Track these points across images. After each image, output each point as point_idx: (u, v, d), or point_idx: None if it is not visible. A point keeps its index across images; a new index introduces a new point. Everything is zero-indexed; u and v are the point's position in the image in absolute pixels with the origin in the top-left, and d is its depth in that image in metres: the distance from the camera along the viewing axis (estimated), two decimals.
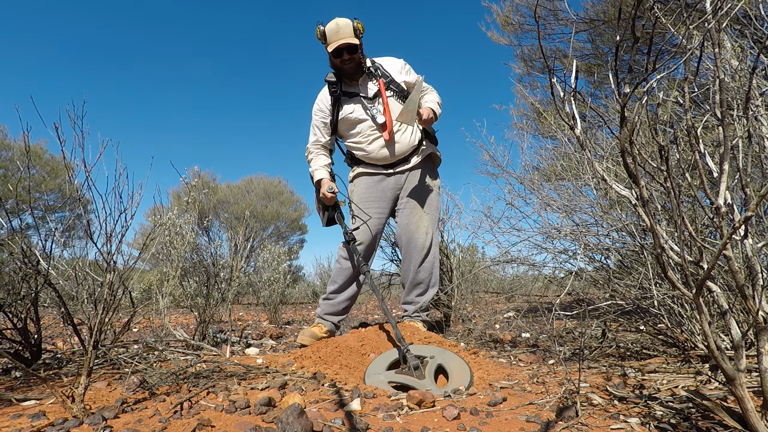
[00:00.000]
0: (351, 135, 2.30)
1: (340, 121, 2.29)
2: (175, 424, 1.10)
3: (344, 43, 2.09)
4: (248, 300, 8.00)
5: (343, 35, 2.10)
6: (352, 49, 2.13)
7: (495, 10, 4.92)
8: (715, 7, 0.88)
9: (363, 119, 2.24)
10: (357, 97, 2.24)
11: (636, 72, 2.45)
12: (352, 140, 2.31)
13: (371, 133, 2.25)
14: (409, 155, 2.31)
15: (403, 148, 2.27)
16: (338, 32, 2.10)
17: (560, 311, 1.58)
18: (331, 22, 2.13)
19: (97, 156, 1.30)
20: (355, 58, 2.17)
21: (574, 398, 1.22)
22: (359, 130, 2.27)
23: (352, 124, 2.27)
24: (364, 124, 2.25)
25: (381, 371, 1.58)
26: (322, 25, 2.14)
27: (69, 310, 1.58)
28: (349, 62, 2.17)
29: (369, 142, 2.26)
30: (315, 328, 2.25)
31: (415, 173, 2.33)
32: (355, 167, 2.39)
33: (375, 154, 2.26)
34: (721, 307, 0.90)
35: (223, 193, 12.19)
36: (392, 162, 2.29)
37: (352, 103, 2.25)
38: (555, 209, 2.19)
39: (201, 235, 3.03)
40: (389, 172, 2.31)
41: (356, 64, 2.19)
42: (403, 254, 2.33)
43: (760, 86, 1.63)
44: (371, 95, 2.24)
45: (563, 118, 1.02)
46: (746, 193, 0.86)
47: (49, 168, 9.60)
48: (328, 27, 2.12)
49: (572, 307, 2.04)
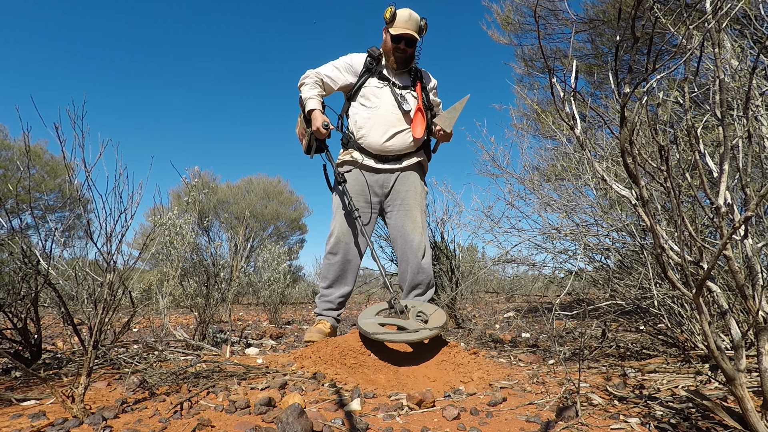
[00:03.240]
0: (364, 108, 2.28)
1: (364, 88, 2.30)
2: (175, 424, 1.10)
3: (409, 33, 2.18)
4: (248, 300, 8.00)
5: (411, 27, 2.19)
6: (411, 42, 2.23)
7: (495, 10, 4.92)
8: (715, 7, 0.88)
9: (386, 99, 2.27)
10: (388, 81, 2.30)
11: (636, 72, 2.45)
12: (361, 113, 2.28)
13: (387, 116, 2.25)
14: (402, 156, 2.32)
15: (403, 146, 2.28)
16: (408, 21, 2.18)
17: (560, 311, 1.58)
18: (405, 9, 2.20)
19: (97, 156, 1.30)
20: (408, 52, 2.26)
21: (574, 398, 1.22)
22: (377, 104, 2.26)
23: (374, 96, 2.27)
24: (385, 104, 2.26)
25: (371, 316, 1.85)
26: (394, 7, 2.20)
27: (69, 310, 1.58)
28: (402, 53, 2.25)
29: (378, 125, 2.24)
30: (320, 325, 2.26)
31: (407, 175, 2.34)
32: (347, 152, 2.34)
33: (374, 140, 2.24)
34: (721, 307, 0.90)
35: (223, 193, 12.19)
36: (385, 155, 2.28)
37: (381, 82, 2.30)
38: (555, 209, 2.19)
39: (201, 235, 3.03)
40: (379, 167, 2.30)
41: (407, 58, 2.28)
42: (400, 255, 2.33)
43: (760, 86, 1.63)
44: (402, 86, 2.32)
45: (563, 118, 1.02)
46: (746, 193, 0.86)
47: (49, 168, 9.60)
48: (401, 12, 2.19)
49: (572, 307, 2.04)
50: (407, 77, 2.34)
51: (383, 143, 2.24)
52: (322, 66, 2.32)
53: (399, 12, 2.18)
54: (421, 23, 2.22)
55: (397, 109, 2.25)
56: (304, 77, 2.30)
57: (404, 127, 2.28)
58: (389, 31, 2.20)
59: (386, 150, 2.26)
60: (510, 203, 2.45)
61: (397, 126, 2.26)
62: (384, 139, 2.24)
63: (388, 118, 2.24)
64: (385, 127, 2.24)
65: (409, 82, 2.34)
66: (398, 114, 2.26)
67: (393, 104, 2.26)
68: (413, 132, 2.27)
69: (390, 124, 2.24)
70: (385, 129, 2.24)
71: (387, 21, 2.20)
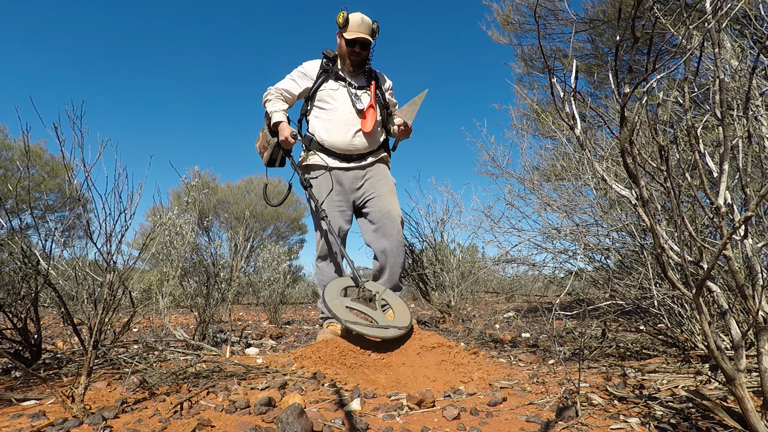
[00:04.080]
0: (323, 110, 2.34)
1: (320, 91, 2.36)
2: (175, 424, 1.10)
3: (363, 37, 2.25)
4: (248, 300, 8.00)
5: (364, 30, 2.26)
6: (366, 45, 2.30)
7: (495, 9, 4.92)
8: (715, 7, 0.88)
9: (343, 100, 2.33)
10: (345, 82, 2.36)
11: (636, 72, 2.45)
12: (321, 116, 2.34)
13: (346, 116, 2.30)
14: (366, 154, 2.37)
15: (365, 144, 2.33)
16: (361, 25, 2.26)
17: (560, 311, 1.59)
18: (356, 14, 2.27)
19: (97, 156, 1.30)
20: (363, 55, 2.33)
21: (574, 398, 1.22)
22: (334, 107, 2.32)
23: (331, 98, 2.33)
24: (343, 105, 2.32)
25: (337, 295, 1.95)
26: (347, 12, 2.27)
27: (69, 310, 1.58)
28: (357, 56, 2.32)
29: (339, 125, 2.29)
30: (331, 327, 2.26)
31: (378, 167, 2.40)
32: (310, 154, 2.37)
33: (337, 139, 2.29)
34: (721, 307, 0.90)
35: (223, 193, 12.20)
36: (349, 154, 2.32)
37: (338, 83, 2.36)
38: (555, 209, 2.19)
39: (201, 235, 3.02)
40: (344, 166, 2.33)
41: (362, 60, 2.35)
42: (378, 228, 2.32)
43: (760, 86, 1.63)
44: (358, 86, 2.38)
45: (563, 118, 1.02)
46: (746, 193, 0.86)
47: (48, 168, 9.60)
48: (353, 17, 2.26)
49: (572, 307, 2.04)
50: (362, 78, 2.41)
51: (347, 141, 2.30)
52: (280, 81, 2.41)
53: (351, 17, 2.26)
54: (374, 26, 2.31)
55: (353, 109, 2.32)
56: (266, 94, 2.40)
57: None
58: (343, 35, 2.28)
59: (350, 149, 2.31)
60: (510, 203, 2.45)
61: (357, 125, 2.31)
62: (348, 138, 2.29)
63: (347, 118, 2.30)
64: (346, 126, 2.30)
65: (365, 83, 2.41)
66: (355, 113, 2.32)
67: (350, 104, 2.32)
68: (363, 126, 2.31)
69: (350, 124, 2.30)
70: (346, 128, 2.30)
71: (340, 26, 2.28)
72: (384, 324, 1.84)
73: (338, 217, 2.29)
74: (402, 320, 1.90)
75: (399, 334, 1.82)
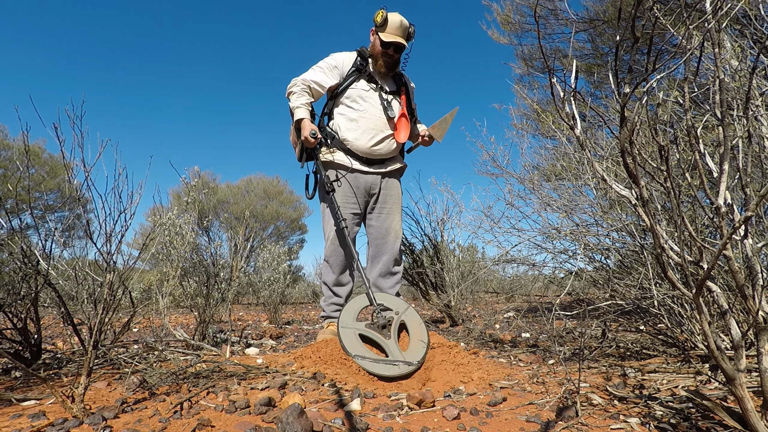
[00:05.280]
0: (351, 110, 2.30)
1: (350, 89, 2.30)
2: (175, 424, 1.10)
3: (399, 41, 2.21)
4: (248, 300, 8.00)
5: (401, 33, 2.23)
6: (400, 49, 2.28)
7: (495, 9, 4.92)
8: (715, 7, 0.88)
9: (374, 103, 2.29)
10: (377, 85, 2.33)
11: (636, 72, 2.45)
12: (349, 115, 2.29)
13: (375, 120, 2.28)
14: (386, 160, 2.37)
15: (389, 150, 2.33)
16: (399, 28, 2.22)
17: (560, 311, 1.58)
18: (396, 15, 2.22)
19: (97, 156, 1.30)
20: (396, 58, 2.30)
21: (574, 398, 1.22)
22: (364, 108, 2.28)
23: (362, 99, 2.29)
24: (373, 108, 2.29)
25: (352, 319, 1.84)
26: (386, 11, 2.22)
27: (69, 310, 1.58)
28: (390, 58, 2.28)
29: (367, 128, 2.27)
30: (332, 326, 2.26)
31: (392, 181, 2.40)
32: (329, 152, 2.33)
33: (363, 142, 2.27)
34: (721, 307, 0.90)
35: (223, 193, 12.19)
36: (371, 158, 2.31)
37: (370, 85, 2.32)
38: (555, 209, 2.19)
39: (201, 235, 3.03)
40: (364, 170, 2.32)
41: (394, 64, 2.32)
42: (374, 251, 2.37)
43: (760, 86, 1.63)
44: (389, 90, 2.36)
45: (563, 118, 1.02)
46: (746, 193, 0.86)
47: (48, 168, 9.60)
48: (393, 18, 2.21)
49: (572, 307, 2.04)
50: (392, 82, 2.39)
51: (371, 147, 2.27)
52: (308, 72, 2.32)
53: (391, 17, 2.19)
54: (410, 30, 2.26)
55: (383, 114, 2.29)
56: (291, 86, 2.31)
57: (389, 132, 2.31)
58: (379, 35, 2.22)
59: (374, 154, 2.29)
60: (510, 203, 2.45)
61: (384, 131, 2.29)
62: (372, 143, 2.27)
63: (375, 123, 2.27)
64: (373, 131, 2.27)
65: (395, 87, 2.39)
66: (384, 119, 2.30)
67: (380, 109, 2.30)
68: (396, 137, 2.32)
69: (378, 129, 2.28)
70: (373, 133, 2.27)
71: (378, 25, 2.22)
72: (393, 358, 1.70)
73: (350, 220, 2.30)
74: (414, 354, 1.72)
75: (406, 372, 1.64)
